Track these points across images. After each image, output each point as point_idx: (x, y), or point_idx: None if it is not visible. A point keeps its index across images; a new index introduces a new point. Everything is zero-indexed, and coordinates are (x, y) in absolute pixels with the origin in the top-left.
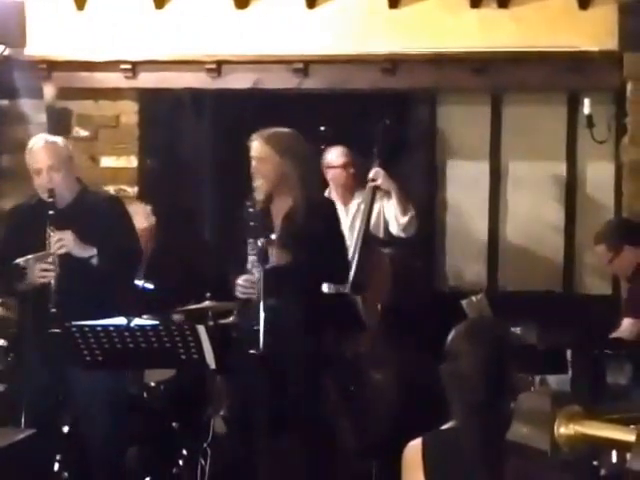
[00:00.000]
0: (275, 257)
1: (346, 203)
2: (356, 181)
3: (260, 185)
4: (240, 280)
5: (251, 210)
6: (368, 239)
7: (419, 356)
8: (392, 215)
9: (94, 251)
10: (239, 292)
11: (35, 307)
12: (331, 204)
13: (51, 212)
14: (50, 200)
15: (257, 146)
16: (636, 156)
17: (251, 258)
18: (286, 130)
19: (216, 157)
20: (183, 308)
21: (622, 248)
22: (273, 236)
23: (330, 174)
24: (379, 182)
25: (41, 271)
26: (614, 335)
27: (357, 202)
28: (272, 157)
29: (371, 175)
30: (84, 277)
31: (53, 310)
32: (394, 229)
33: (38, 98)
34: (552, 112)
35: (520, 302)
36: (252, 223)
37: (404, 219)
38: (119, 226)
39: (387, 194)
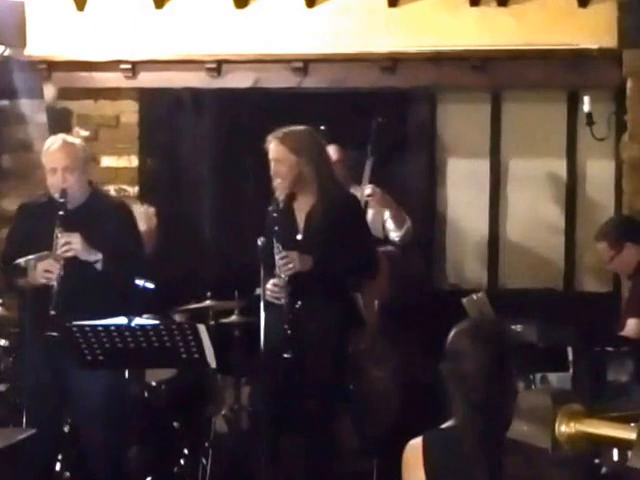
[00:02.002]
0: (291, 259)
1: None
2: (350, 179)
3: (279, 185)
4: (269, 284)
5: (275, 215)
6: None
7: (419, 354)
8: (389, 227)
9: (99, 256)
10: (268, 296)
11: (35, 308)
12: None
13: (61, 213)
14: (61, 200)
15: (273, 147)
16: (636, 153)
17: (279, 262)
18: (301, 128)
19: (216, 156)
20: (184, 307)
21: (623, 246)
22: (299, 237)
23: None
24: (376, 198)
25: (44, 272)
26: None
27: None
28: (288, 157)
29: (367, 192)
30: (87, 281)
31: (52, 313)
32: (392, 236)
33: (38, 98)
34: (552, 110)
35: (521, 300)
36: (276, 227)
37: (401, 231)
38: (126, 234)
39: (382, 207)
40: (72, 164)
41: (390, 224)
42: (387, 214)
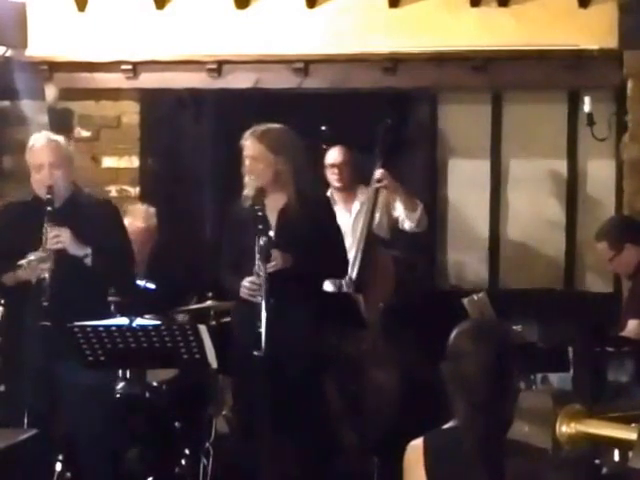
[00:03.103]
0: (274, 257)
1: (348, 204)
2: (356, 180)
3: (252, 182)
4: (246, 282)
5: (260, 214)
6: (371, 239)
7: (421, 355)
8: (403, 213)
9: (88, 250)
10: (244, 294)
11: (27, 302)
12: (325, 199)
13: (49, 209)
14: (48, 197)
15: (249, 145)
16: (636, 153)
17: (258, 260)
18: (278, 126)
19: (217, 157)
20: (185, 308)
21: (623, 246)
22: (271, 233)
23: (330, 173)
24: (386, 183)
25: (37, 267)
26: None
27: (359, 202)
28: (266, 155)
29: (377, 176)
30: (77, 275)
31: (45, 304)
32: (407, 226)
33: (39, 99)
34: (552, 110)
35: (521, 300)
36: (260, 226)
37: (416, 215)
38: (113, 229)
39: (392, 194)
40: (58, 160)
41: (402, 214)
42: (398, 206)
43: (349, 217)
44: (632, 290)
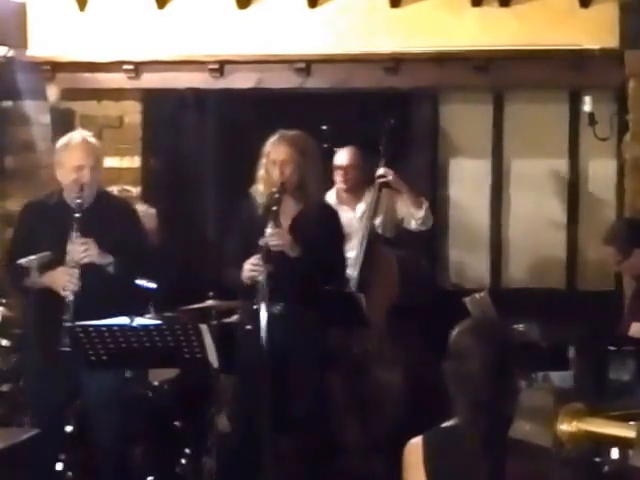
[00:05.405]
0: (288, 240)
1: (354, 204)
2: (363, 181)
3: (271, 185)
4: (250, 260)
5: (277, 196)
6: (373, 238)
7: (423, 354)
8: (407, 212)
9: (111, 258)
10: (246, 274)
11: (41, 310)
12: (333, 210)
13: (77, 215)
14: (78, 201)
15: (281, 149)
16: (638, 153)
17: (262, 242)
18: (301, 132)
19: (219, 157)
20: (186, 307)
21: (632, 252)
22: None
23: (339, 174)
24: (390, 178)
25: (66, 282)
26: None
27: (365, 203)
28: (297, 159)
29: (381, 172)
30: (98, 285)
31: (68, 325)
32: (412, 225)
33: (41, 99)
34: (554, 110)
35: (523, 299)
36: (274, 208)
37: (421, 212)
38: (133, 234)
39: (396, 193)
40: (95, 163)
41: (407, 212)
42: (402, 205)
43: (354, 217)
44: (637, 292)
